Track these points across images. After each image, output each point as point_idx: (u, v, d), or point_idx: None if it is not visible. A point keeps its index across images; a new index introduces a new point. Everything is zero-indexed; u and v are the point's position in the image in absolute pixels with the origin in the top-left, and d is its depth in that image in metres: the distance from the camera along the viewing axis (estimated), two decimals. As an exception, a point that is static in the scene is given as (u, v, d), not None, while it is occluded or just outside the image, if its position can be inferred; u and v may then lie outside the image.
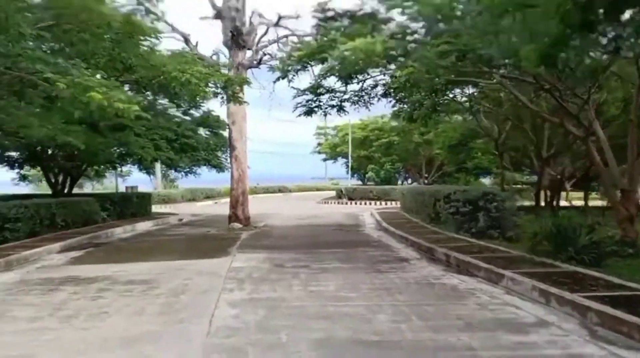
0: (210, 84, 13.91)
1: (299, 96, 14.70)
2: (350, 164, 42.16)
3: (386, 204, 32.17)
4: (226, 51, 18.33)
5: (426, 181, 35.18)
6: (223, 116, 22.06)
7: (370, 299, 6.86)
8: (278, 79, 13.38)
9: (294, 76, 12.97)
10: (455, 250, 10.26)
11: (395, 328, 5.51)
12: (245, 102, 16.52)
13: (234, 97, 15.31)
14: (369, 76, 12.44)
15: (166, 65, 12.15)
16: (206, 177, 31.07)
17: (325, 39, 11.26)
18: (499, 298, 6.90)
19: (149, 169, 29.15)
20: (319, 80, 13.24)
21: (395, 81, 9.48)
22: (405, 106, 17.48)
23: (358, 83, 13.39)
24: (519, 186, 24.88)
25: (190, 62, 12.99)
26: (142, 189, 30.75)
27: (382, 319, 5.86)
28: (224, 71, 15.80)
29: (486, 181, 41.16)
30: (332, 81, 14.45)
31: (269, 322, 5.78)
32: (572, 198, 26.23)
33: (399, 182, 43.25)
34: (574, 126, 11.42)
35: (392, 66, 10.74)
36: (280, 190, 55.34)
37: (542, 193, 22.53)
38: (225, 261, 10.41)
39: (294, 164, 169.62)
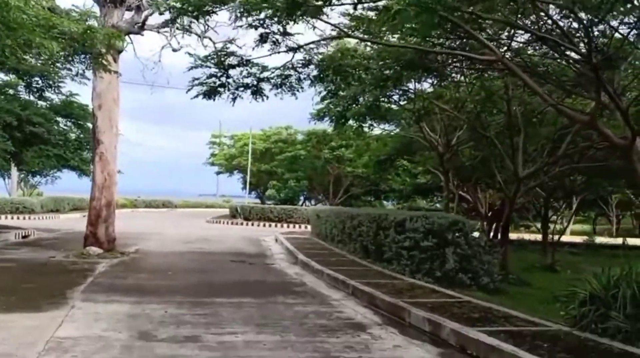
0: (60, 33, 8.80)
1: (196, 67, 9.99)
2: (248, 180, 36.99)
3: (289, 227, 27.92)
4: (97, 9, 13.03)
5: (333, 203, 31.34)
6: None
7: None
8: (167, 23, 8.47)
9: (190, 22, 8.26)
10: (444, 313, 6.38)
11: None
12: (116, 72, 11.34)
13: (98, 62, 10.17)
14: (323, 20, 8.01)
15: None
16: (77, 184, 25.10)
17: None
18: None
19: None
20: (232, 39, 8.59)
21: (379, 17, 5.21)
22: (335, 101, 13.43)
23: (295, 51, 9.00)
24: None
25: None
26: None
27: None
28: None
29: (389, 206, 38.15)
30: (246, 48, 9.94)
31: None
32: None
33: (301, 203, 38.97)
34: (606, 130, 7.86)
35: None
36: (165, 205, 49.32)
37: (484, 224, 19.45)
38: (50, 321, 6.07)
39: (181, 179, 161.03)
